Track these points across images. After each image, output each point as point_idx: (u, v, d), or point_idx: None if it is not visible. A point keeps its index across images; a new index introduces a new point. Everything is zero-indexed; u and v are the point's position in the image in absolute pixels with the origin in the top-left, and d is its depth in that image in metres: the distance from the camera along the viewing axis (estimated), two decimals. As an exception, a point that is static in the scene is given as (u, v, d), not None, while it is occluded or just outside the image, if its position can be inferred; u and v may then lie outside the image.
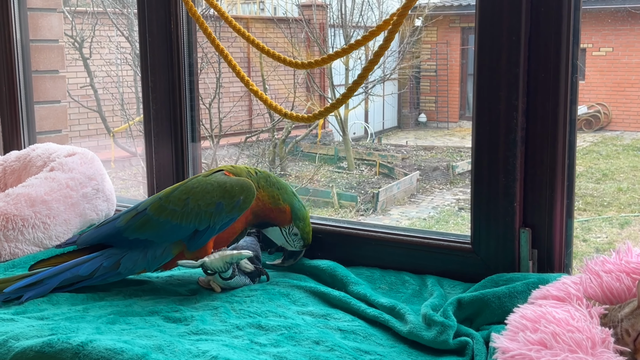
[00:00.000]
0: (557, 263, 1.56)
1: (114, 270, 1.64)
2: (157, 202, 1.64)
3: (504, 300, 1.44)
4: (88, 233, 1.71)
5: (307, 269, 1.79)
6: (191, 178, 1.70)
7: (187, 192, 1.63)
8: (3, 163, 2.30)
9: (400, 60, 9.79)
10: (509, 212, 1.57)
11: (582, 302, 1.26)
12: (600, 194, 7.76)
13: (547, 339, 1.13)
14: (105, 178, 2.13)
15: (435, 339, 1.37)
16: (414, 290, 1.65)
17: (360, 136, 10.74)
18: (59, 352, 1.31)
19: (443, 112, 11.46)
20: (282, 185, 1.72)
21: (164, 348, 1.34)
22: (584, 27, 9.35)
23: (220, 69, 7.08)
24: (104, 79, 7.91)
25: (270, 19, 9.26)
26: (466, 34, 11.01)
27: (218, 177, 1.66)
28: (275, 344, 1.38)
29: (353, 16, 9.20)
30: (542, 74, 1.52)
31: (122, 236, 1.64)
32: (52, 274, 1.62)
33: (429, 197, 8.55)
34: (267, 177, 1.71)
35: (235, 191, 1.63)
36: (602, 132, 10.03)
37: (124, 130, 8.04)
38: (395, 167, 9.18)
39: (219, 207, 1.62)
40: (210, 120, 7.10)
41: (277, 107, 1.79)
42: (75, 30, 7.47)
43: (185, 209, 1.61)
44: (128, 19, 7.70)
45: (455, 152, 9.90)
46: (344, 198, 8.08)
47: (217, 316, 1.53)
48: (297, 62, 1.75)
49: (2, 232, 1.84)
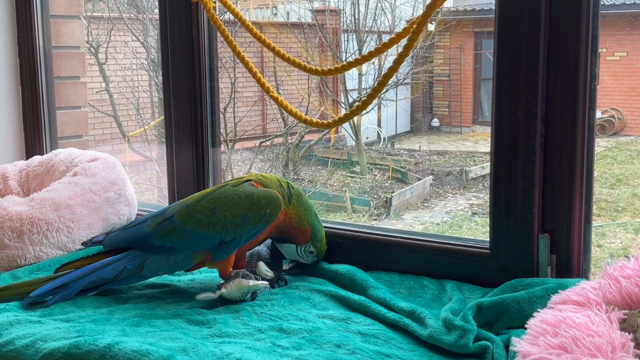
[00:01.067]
0: (576, 268, 1.58)
1: (137, 273, 1.67)
2: (184, 210, 1.65)
3: (523, 305, 1.45)
4: (114, 234, 1.73)
5: (326, 273, 1.81)
6: (219, 186, 1.70)
7: (214, 202, 1.64)
8: (26, 168, 2.34)
9: (414, 65, 9.80)
10: (528, 217, 1.59)
11: (601, 307, 1.27)
12: (615, 199, 7.73)
13: (568, 343, 1.14)
14: (126, 183, 2.16)
15: (456, 342, 1.39)
16: (433, 295, 1.67)
17: (373, 141, 10.75)
18: (86, 353, 1.34)
19: (456, 117, 11.45)
20: (308, 206, 1.74)
21: (188, 350, 1.36)
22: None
23: (235, 74, 7.12)
24: (119, 84, 7.97)
25: (283, 24, 9.30)
26: (479, 39, 11.00)
27: (246, 188, 1.66)
28: (297, 347, 1.40)
29: (366, 21, 9.22)
30: (561, 81, 1.54)
31: (148, 241, 1.65)
32: (77, 277, 1.64)
33: (442, 201, 8.55)
34: (299, 195, 1.72)
35: (262, 204, 1.63)
36: (616, 137, 9.99)
37: (138, 135, 8.10)
38: (408, 172, 9.18)
39: (246, 219, 1.62)
40: (225, 125, 7.14)
41: (297, 113, 1.81)
42: (91, 35, 7.54)
43: (212, 219, 1.62)
44: (143, 24, 7.76)
45: (468, 157, 9.89)
46: (357, 202, 8.09)
47: (239, 319, 1.56)
48: (317, 69, 1.78)
49: (27, 236, 1.88)
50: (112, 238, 1.72)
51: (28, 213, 1.89)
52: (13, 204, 1.91)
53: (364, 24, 9.21)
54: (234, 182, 1.70)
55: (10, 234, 1.86)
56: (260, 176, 1.72)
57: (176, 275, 1.87)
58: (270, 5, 10.39)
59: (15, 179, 2.31)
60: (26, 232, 1.88)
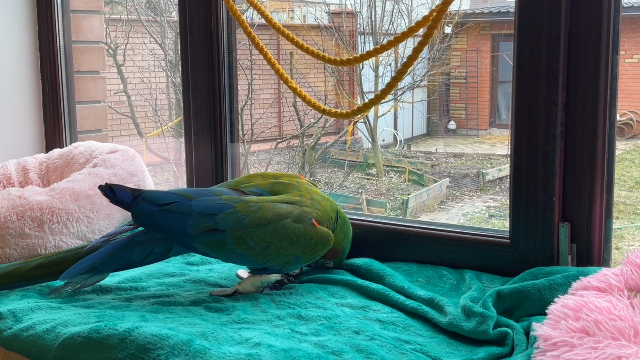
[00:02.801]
0: (596, 257, 1.56)
1: (164, 255, 1.61)
2: (239, 232, 1.55)
3: (544, 293, 1.44)
4: (150, 211, 1.56)
5: (343, 266, 1.81)
6: (281, 205, 1.61)
7: (272, 235, 1.57)
8: (46, 160, 2.36)
9: (430, 67, 9.79)
10: (548, 206, 1.58)
11: (623, 293, 1.27)
12: (633, 202, 7.67)
13: (590, 326, 1.13)
14: (146, 175, 2.17)
15: (475, 329, 1.38)
16: (452, 285, 1.66)
17: (390, 143, 10.75)
18: (106, 337, 1.35)
19: (473, 120, 11.42)
20: (347, 232, 1.75)
21: (207, 335, 1.37)
22: (617, 33, 9.27)
23: (252, 75, 7.15)
24: (137, 85, 8.03)
25: (300, 26, 9.33)
26: (496, 41, 10.98)
27: (306, 228, 1.60)
28: (315, 333, 1.40)
29: (383, 23, 9.23)
30: (582, 69, 1.52)
31: (191, 244, 1.56)
32: (105, 259, 1.57)
33: (459, 204, 8.52)
34: (342, 224, 1.72)
35: (317, 249, 1.62)
36: (635, 140, 9.92)
37: (156, 136, 8.15)
38: (424, 174, 9.17)
39: (297, 259, 1.62)
40: (242, 126, 7.17)
41: (316, 104, 1.81)
42: (109, 37, 7.60)
43: (266, 251, 1.58)
44: (161, 26, 7.82)
45: (485, 160, 9.86)
46: (373, 204, 8.09)
47: (257, 307, 1.56)
48: (336, 59, 1.78)
49: (47, 225, 1.89)
50: (146, 215, 1.55)
51: (48, 203, 1.90)
52: (34, 193, 1.93)
53: (380, 27, 9.22)
54: (296, 211, 1.61)
55: (30, 223, 1.88)
56: (319, 210, 1.65)
57: (194, 265, 1.88)
58: (287, 9, 10.43)
59: (35, 171, 2.33)
60: (46, 222, 1.89)
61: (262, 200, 1.61)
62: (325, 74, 8.77)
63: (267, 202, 1.60)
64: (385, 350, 1.32)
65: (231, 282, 1.72)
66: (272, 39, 8.42)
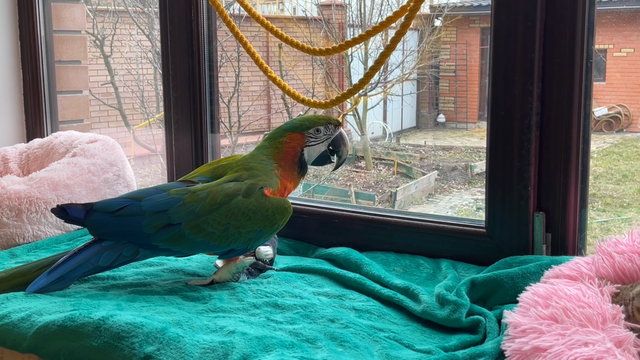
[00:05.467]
0: (571, 247, 1.57)
1: (132, 258, 1.61)
2: (194, 221, 1.56)
3: (517, 281, 1.45)
4: (103, 219, 1.57)
5: (321, 256, 1.82)
6: (227, 184, 1.60)
7: (227, 217, 1.57)
8: (26, 150, 2.35)
9: (419, 60, 9.79)
10: (524, 196, 1.59)
11: (594, 281, 1.27)
12: (620, 195, 7.71)
13: (558, 314, 1.14)
14: (126, 165, 2.17)
15: (449, 317, 1.39)
16: (428, 274, 1.67)
17: (379, 136, 10.74)
18: (80, 326, 1.35)
19: (462, 113, 11.43)
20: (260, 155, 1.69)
21: (182, 323, 1.37)
22: (605, 28, 9.29)
23: (240, 66, 7.13)
24: (124, 77, 7.99)
25: (289, 19, 9.30)
26: (486, 35, 10.97)
27: (259, 201, 1.59)
28: (291, 322, 1.41)
29: (372, 16, 9.21)
30: (557, 59, 1.53)
31: (151, 243, 1.57)
32: (72, 267, 1.58)
33: (447, 196, 8.54)
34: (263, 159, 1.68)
35: (277, 219, 1.61)
36: (623, 134, 9.95)
37: (143, 128, 8.12)
38: (413, 167, 9.18)
39: (259, 234, 1.61)
40: (229, 118, 7.15)
41: (295, 94, 1.81)
42: (96, 28, 7.56)
43: (226, 233, 1.58)
44: (149, 17, 7.78)
45: (473, 153, 9.87)
46: (361, 197, 8.09)
47: (234, 296, 1.57)
48: (315, 49, 1.78)
49: (25, 215, 1.89)
50: (101, 225, 1.58)
51: (27, 192, 1.90)
52: (12, 183, 1.92)
53: (369, 19, 9.20)
54: (244, 187, 1.60)
55: (8, 212, 1.87)
56: (252, 170, 1.64)
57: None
58: (277, 1, 10.39)
59: (15, 161, 2.32)
60: (24, 211, 1.89)
61: (209, 186, 1.61)
62: (314, 67, 8.76)
63: (214, 186, 1.60)
64: (359, 338, 1.33)
65: (209, 272, 1.72)
66: (260, 31, 8.39)
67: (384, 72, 8.77)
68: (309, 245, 1.92)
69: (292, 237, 1.94)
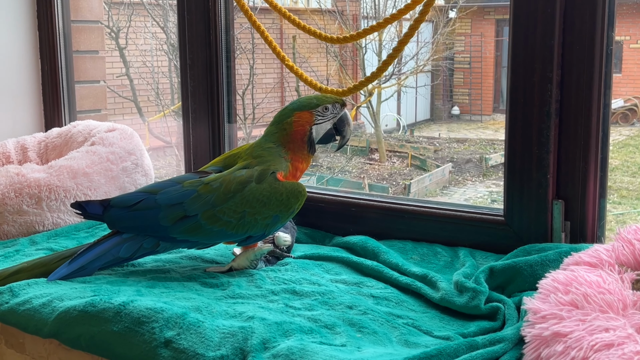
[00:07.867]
0: (590, 235, 1.57)
1: (153, 250, 1.63)
2: (210, 211, 1.57)
3: (536, 268, 1.45)
4: (120, 214, 1.60)
5: (339, 244, 1.82)
6: (239, 172, 1.61)
7: (242, 204, 1.58)
8: (45, 139, 2.37)
9: (434, 52, 9.75)
10: (542, 184, 1.58)
11: (613, 268, 1.27)
12: (636, 188, 7.65)
13: (579, 300, 1.14)
14: (144, 153, 2.18)
15: (467, 304, 1.39)
16: (446, 262, 1.67)
17: (392, 128, 10.73)
18: (101, 311, 1.36)
19: (477, 105, 11.38)
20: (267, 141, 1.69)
21: (202, 309, 1.38)
22: (621, 19, 9.20)
23: (254, 58, 7.14)
24: (140, 69, 8.02)
25: (303, 11, 9.29)
26: (500, 26, 10.92)
27: (273, 186, 1.60)
28: (309, 308, 1.42)
29: (386, 8, 9.18)
30: (577, 46, 1.52)
31: (169, 235, 1.59)
32: (92, 258, 1.60)
33: (462, 189, 8.52)
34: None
35: (292, 202, 1.61)
36: (639, 126, 9.87)
37: (158, 120, 8.15)
38: (427, 159, 9.16)
39: (276, 219, 1.62)
40: (243, 110, 7.17)
41: (312, 82, 1.82)
42: (111, 20, 7.59)
43: (242, 221, 1.59)
44: (163, 9, 7.80)
45: (488, 145, 9.83)
46: (375, 189, 8.09)
47: (252, 283, 1.57)
48: (333, 37, 1.78)
49: (45, 202, 1.91)
50: (119, 220, 1.60)
51: (46, 180, 1.92)
52: (32, 171, 1.94)
53: (384, 11, 9.17)
54: (255, 173, 1.61)
55: (28, 200, 1.89)
56: (260, 158, 1.64)
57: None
58: (291, -7, 10.38)
59: (34, 150, 2.34)
60: (44, 199, 1.90)
61: (221, 176, 1.62)
62: (328, 58, 8.75)
63: (226, 175, 1.61)
64: (377, 324, 1.34)
65: (227, 259, 1.73)
66: (275, 22, 8.39)
67: (398, 64, 8.75)
68: (326, 233, 1.92)
69: (309, 226, 1.94)
